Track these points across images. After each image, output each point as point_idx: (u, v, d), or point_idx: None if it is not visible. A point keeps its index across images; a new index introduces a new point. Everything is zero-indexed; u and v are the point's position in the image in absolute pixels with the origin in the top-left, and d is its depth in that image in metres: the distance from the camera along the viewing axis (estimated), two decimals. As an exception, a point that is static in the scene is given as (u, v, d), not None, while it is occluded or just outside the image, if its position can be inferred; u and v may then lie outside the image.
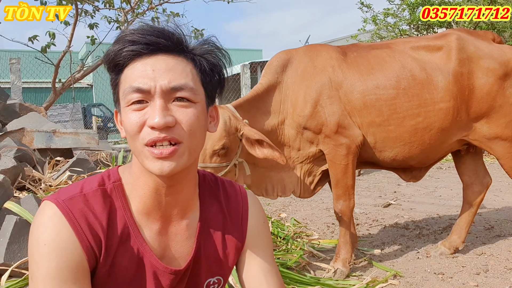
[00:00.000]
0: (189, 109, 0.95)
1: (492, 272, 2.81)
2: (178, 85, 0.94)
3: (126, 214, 1.01)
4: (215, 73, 1.03)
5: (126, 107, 0.94)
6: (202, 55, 1.01)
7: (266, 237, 1.19)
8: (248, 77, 8.65)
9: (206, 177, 1.16)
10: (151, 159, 0.93)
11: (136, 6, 7.15)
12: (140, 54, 0.94)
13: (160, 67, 0.94)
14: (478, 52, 2.82)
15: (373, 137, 2.78)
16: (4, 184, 2.62)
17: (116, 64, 0.96)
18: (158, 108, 0.91)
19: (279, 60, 2.87)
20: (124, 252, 1.00)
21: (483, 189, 3.14)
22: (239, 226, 1.15)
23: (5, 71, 17.17)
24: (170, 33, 0.96)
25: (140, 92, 0.92)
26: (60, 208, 0.95)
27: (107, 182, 1.03)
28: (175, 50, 0.97)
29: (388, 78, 2.76)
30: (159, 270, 1.03)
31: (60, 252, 0.92)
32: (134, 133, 0.93)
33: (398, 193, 5.58)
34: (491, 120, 2.82)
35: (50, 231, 0.93)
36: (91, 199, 0.99)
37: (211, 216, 1.12)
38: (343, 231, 2.86)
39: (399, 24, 9.84)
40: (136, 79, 0.93)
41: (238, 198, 1.17)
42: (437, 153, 2.93)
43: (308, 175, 2.95)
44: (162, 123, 0.90)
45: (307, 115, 2.74)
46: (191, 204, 1.08)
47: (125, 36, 0.95)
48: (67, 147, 4.27)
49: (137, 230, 1.02)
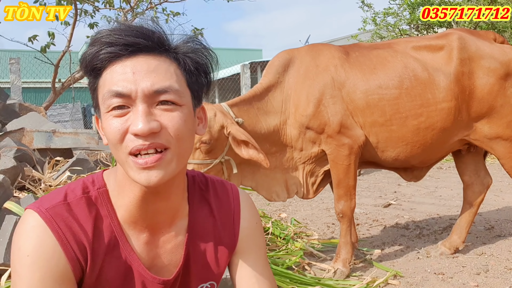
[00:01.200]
0: (174, 112, 0.89)
1: (493, 272, 2.80)
2: (162, 87, 0.87)
3: (113, 222, 0.96)
4: (200, 72, 0.96)
5: (106, 113, 0.88)
6: (186, 54, 0.94)
7: (259, 239, 1.14)
8: (248, 77, 8.65)
9: (196, 179, 1.11)
10: (136, 169, 0.87)
11: (136, 5, 7.14)
12: (119, 56, 0.88)
13: (141, 69, 0.87)
14: (479, 52, 2.82)
15: (376, 137, 2.78)
16: (4, 184, 2.61)
17: (93, 68, 0.90)
18: (141, 113, 0.85)
19: (280, 60, 2.86)
20: (112, 261, 0.96)
21: (483, 189, 3.14)
22: (231, 228, 1.10)
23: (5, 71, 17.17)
24: (150, 32, 0.90)
25: (120, 97, 0.86)
26: (43, 217, 0.91)
27: (91, 188, 0.98)
28: (156, 50, 0.90)
29: (391, 78, 2.75)
30: (147, 280, 0.99)
31: (44, 263, 0.88)
32: (116, 141, 0.87)
33: (399, 193, 5.58)
34: (492, 120, 2.82)
35: (33, 241, 0.89)
36: (75, 208, 0.94)
37: (201, 221, 1.07)
38: (343, 231, 2.85)
39: (399, 24, 9.84)
40: (116, 82, 0.87)
41: (229, 200, 1.12)
42: (438, 152, 2.93)
43: (310, 176, 2.94)
44: (147, 130, 0.84)
45: (309, 115, 2.73)
46: (179, 210, 1.03)
47: (101, 37, 0.88)
48: (67, 147, 4.26)
49: (124, 239, 0.97)
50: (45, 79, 13.24)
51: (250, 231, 1.12)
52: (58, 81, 6.84)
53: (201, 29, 7.27)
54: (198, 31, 7.22)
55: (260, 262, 1.12)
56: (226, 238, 1.09)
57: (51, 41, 6.19)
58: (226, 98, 14.23)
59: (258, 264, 1.12)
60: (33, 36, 6.05)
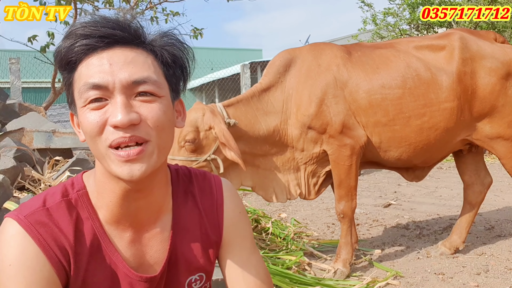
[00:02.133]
0: (154, 103, 0.88)
1: (493, 272, 2.80)
2: (140, 78, 0.86)
3: (94, 224, 0.95)
4: (177, 66, 0.95)
5: (83, 107, 0.86)
6: (162, 47, 0.93)
7: (244, 229, 1.13)
8: (248, 77, 8.64)
9: (179, 172, 1.10)
10: (117, 163, 0.85)
11: (135, 5, 7.14)
12: (95, 48, 0.86)
13: (118, 60, 0.86)
14: (481, 52, 2.81)
15: (379, 137, 2.77)
16: (3, 184, 2.61)
17: (68, 62, 0.87)
18: (120, 104, 0.84)
19: (282, 60, 2.84)
20: (96, 265, 0.95)
21: (484, 189, 3.13)
22: (215, 220, 1.09)
23: (5, 71, 17.16)
24: (126, 24, 0.89)
25: (97, 89, 0.84)
26: (22, 225, 0.89)
27: (70, 191, 0.96)
28: (133, 42, 0.89)
29: (394, 78, 2.74)
30: (133, 280, 0.98)
31: (28, 272, 0.86)
32: (95, 134, 0.85)
33: (399, 193, 5.58)
34: (493, 120, 2.81)
35: (15, 250, 0.87)
36: (55, 213, 0.92)
37: (186, 214, 1.06)
38: (344, 232, 2.85)
39: (399, 24, 9.84)
40: (92, 75, 0.85)
41: (212, 191, 1.11)
42: (441, 152, 2.93)
43: (312, 176, 2.93)
44: (126, 121, 0.83)
45: (312, 115, 2.72)
46: (163, 205, 1.02)
47: (76, 30, 0.86)
48: (67, 147, 4.26)
49: (107, 240, 0.96)
50: (45, 79, 13.23)
51: (234, 221, 1.11)
52: (58, 81, 6.84)
53: (201, 29, 7.26)
54: (198, 31, 7.21)
55: (246, 250, 1.11)
56: (212, 229, 1.08)
57: (51, 41, 6.19)
58: (226, 98, 14.20)
59: (244, 254, 1.10)
60: (32, 36, 6.05)
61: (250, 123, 2.76)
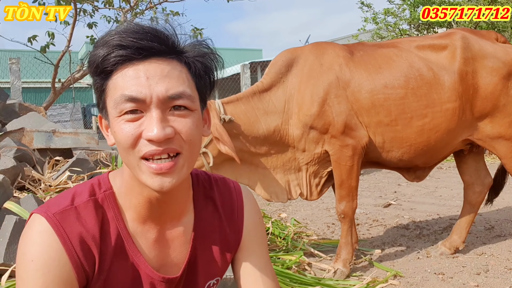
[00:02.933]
0: (188, 118, 0.89)
1: (493, 272, 2.80)
2: (176, 93, 0.87)
3: (119, 225, 0.96)
4: (207, 76, 0.97)
5: (118, 117, 0.87)
6: (195, 58, 0.93)
7: (261, 234, 1.16)
8: (248, 77, 8.64)
9: (200, 177, 1.12)
10: (149, 174, 0.87)
11: (135, 5, 7.13)
12: (131, 59, 0.86)
13: (154, 73, 0.86)
14: (483, 51, 2.81)
15: (381, 137, 2.76)
16: (3, 184, 2.61)
17: (103, 70, 0.88)
18: (156, 119, 0.85)
19: (284, 59, 2.83)
20: (119, 265, 0.96)
21: (484, 189, 3.13)
22: (235, 224, 1.12)
23: (5, 71, 17.16)
24: (164, 36, 0.88)
25: (134, 102, 0.85)
26: (50, 222, 0.90)
27: (97, 191, 0.97)
28: (168, 53, 0.89)
29: (397, 78, 2.73)
30: (155, 280, 1.00)
31: (48, 270, 0.87)
32: (129, 146, 0.86)
33: (399, 193, 5.58)
34: (494, 120, 2.81)
35: (39, 247, 0.89)
36: (82, 212, 0.94)
37: (207, 218, 1.08)
38: (344, 232, 2.85)
39: (399, 24, 9.84)
40: (129, 87, 0.85)
41: (232, 196, 1.13)
42: (442, 153, 2.92)
43: (314, 177, 2.92)
44: (162, 136, 0.84)
45: (314, 114, 2.71)
46: (185, 208, 1.04)
47: (113, 39, 0.86)
48: (67, 147, 4.27)
49: (131, 241, 0.97)
50: (45, 79, 13.23)
51: (253, 226, 1.14)
52: (58, 81, 6.84)
53: (201, 29, 7.26)
54: (198, 31, 7.21)
55: (263, 256, 1.14)
56: (231, 233, 1.11)
57: (51, 41, 6.19)
58: (226, 98, 14.19)
59: (262, 259, 1.13)
60: (32, 36, 6.05)
61: (249, 121, 2.75)
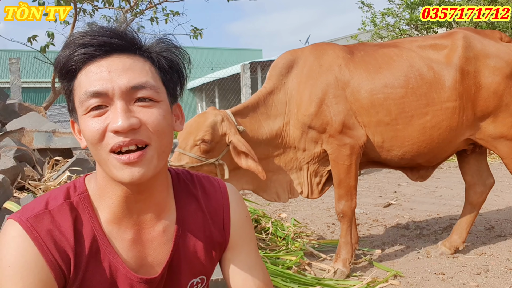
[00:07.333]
0: (153, 108, 0.90)
1: (493, 272, 2.80)
2: (139, 83, 0.89)
3: (94, 227, 0.96)
4: (174, 71, 0.98)
5: (84, 115, 0.88)
6: (159, 53, 0.95)
7: (249, 232, 1.15)
8: (248, 77, 8.64)
9: (180, 176, 1.11)
10: (119, 166, 0.87)
11: (135, 5, 7.13)
12: (93, 56, 0.89)
13: (116, 67, 0.88)
14: (485, 51, 2.81)
15: (381, 136, 2.77)
16: (3, 184, 2.61)
17: (68, 70, 0.90)
18: (120, 110, 0.86)
19: (284, 61, 2.85)
20: (95, 267, 0.96)
21: (485, 190, 3.13)
22: (221, 222, 1.10)
23: (5, 71, 17.15)
24: (123, 32, 0.91)
25: (98, 96, 0.87)
26: (24, 227, 0.90)
27: (72, 194, 0.97)
28: (130, 50, 0.92)
29: (397, 77, 2.74)
30: (133, 281, 0.99)
31: (26, 273, 0.88)
32: (96, 141, 0.87)
33: (399, 193, 5.58)
34: (497, 119, 2.81)
35: (14, 252, 0.89)
36: (57, 215, 0.94)
37: (189, 216, 1.07)
38: (344, 231, 2.85)
39: (399, 24, 9.84)
40: (92, 83, 0.87)
41: (217, 194, 1.12)
42: (444, 152, 2.92)
43: (315, 176, 2.94)
44: (127, 126, 0.85)
45: (312, 114, 2.73)
46: (165, 207, 1.03)
47: (75, 39, 0.89)
48: (67, 147, 4.26)
49: (107, 242, 0.97)
50: (45, 79, 13.23)
51: (241, 224, 1.13)
52: (58, 81, 6.83)
53: (201, 29, 7.26)
54: (198, 31, 7.21)
55: (252, 254, 1.13)
56: (217, 232, 1.09)
57: (51, 41, 6.19)
58: (226, 98, 14.22)
59: (250, 257, 1.12)
60: (32, 36, 6.05)
61: (254, 128, 2.79)
